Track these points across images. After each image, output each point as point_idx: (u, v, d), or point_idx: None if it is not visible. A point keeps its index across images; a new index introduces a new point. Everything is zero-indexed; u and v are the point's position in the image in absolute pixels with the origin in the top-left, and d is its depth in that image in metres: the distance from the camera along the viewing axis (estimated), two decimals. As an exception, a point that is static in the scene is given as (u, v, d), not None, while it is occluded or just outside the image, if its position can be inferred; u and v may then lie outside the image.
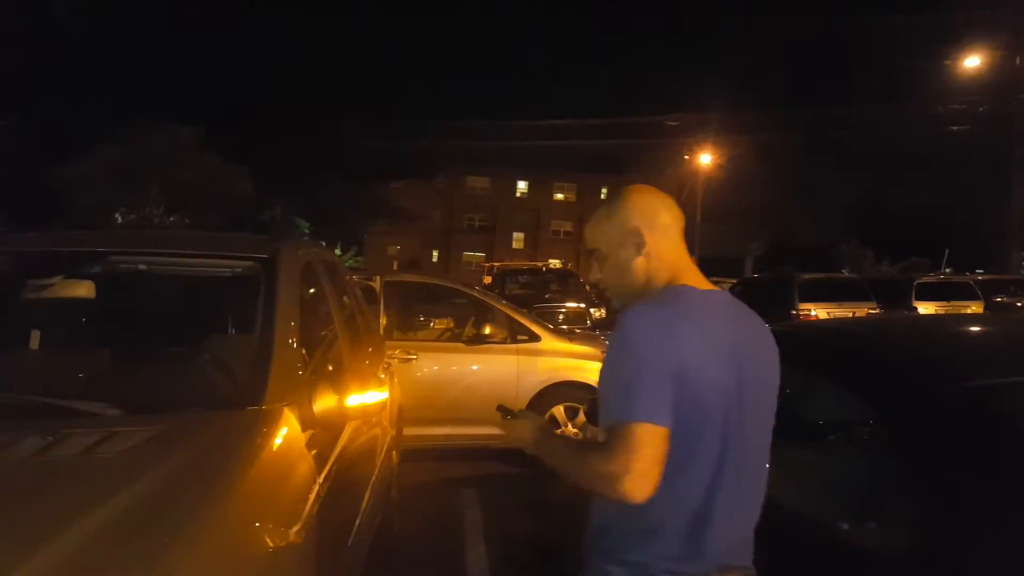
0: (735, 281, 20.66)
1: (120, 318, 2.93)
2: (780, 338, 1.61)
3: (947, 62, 23.00)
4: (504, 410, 1.78)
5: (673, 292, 1.53)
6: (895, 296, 12.86)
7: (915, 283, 13.29)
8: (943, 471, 1.65)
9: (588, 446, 1.53)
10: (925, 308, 12.59)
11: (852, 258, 35.48)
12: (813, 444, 2.29)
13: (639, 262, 1.58)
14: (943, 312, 12.19)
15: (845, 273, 17.87)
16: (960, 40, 23.04)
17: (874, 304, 11.89)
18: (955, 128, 25.67)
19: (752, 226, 38.44)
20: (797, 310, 11.67)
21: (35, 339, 2.77)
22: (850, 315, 11.14)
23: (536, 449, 1.64)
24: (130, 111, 25.21)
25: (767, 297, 13.15)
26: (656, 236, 1.58)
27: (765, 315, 1.66)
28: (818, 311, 11.60)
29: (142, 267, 2.71)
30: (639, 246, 1.57)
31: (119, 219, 25.44)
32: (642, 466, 1.32)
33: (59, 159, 24.27)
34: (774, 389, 1.58)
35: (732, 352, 1.47)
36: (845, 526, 1.87)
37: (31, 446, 1.65)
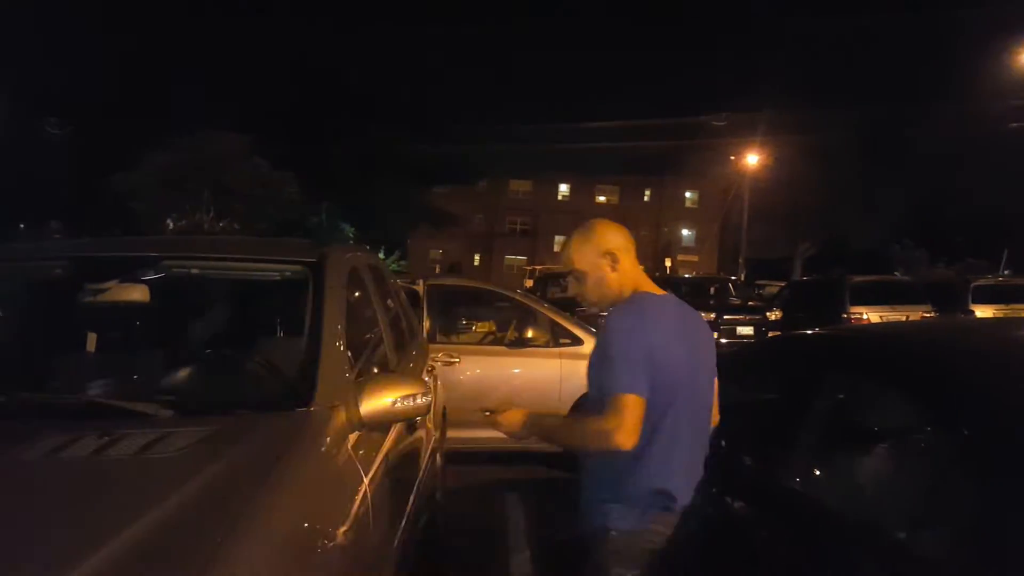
0: (783, 284, 20.12)
1: (173, 321, 3.00)
2: (834, 342, 1.56)
3: (1006, 57, 22.16)
4: (486, 411, 2.15)
5: (639, 297, 2.02)
6: (951, 299, 12.43)
7: (972, 285, 12.79)
8: (1002, 478, 1.59)
9: (582, 416, 2.00)
10: (982, 311, 12.13)
11: (906, 260, 34.40)
12: (870, 449, 2.23)
13: (613, 276, 2.05)
14: (1002, 315, 11.76)
15: (898, 275, 17.37)
16: (1020, 34, 22.20)
17: (929, 307, 11.52)
18: (1015, 125, 24.75)
19: (802, 227, 37.49)
20: (848, 313, 11.36)
21: (91, 341, 2.86)
22: (903, 318, 10.82)
23: (529, 431, 2.06)
24: (180, 119, 25.80)
25: (817, 300, 12.87)
26: (622, 255, 2.05)
27: (815, 319, 1.67)
28: (870, 314, 11.28)
29: (194, 272, 2.77)
30: (614, 264, 2.04)
31: (170, 225, 26.11)
32: (629, 424, 1.80)
33: (113, 168, 25.02)
34: (713, 369, 2.12)
35: (687, 339, 2.00)
36: (902, 534, 1.82)
37: (88, 446, 1.69)
